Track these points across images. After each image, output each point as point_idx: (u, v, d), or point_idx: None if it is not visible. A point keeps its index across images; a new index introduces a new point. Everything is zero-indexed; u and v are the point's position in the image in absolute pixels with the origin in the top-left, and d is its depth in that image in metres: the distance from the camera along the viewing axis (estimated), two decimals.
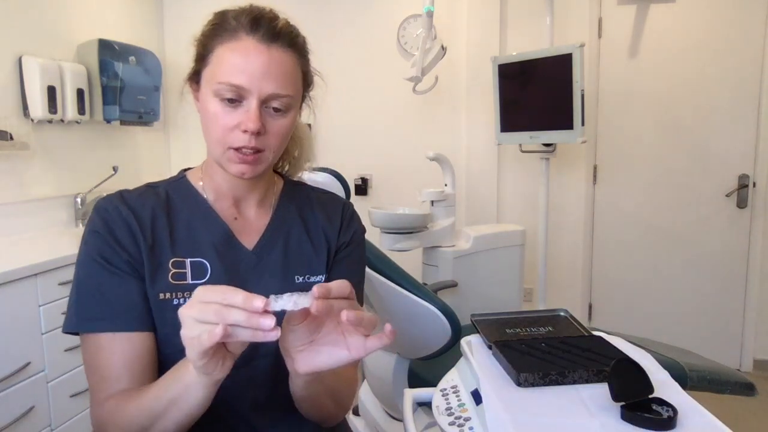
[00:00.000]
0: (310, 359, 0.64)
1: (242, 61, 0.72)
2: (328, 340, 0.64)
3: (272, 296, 0.57)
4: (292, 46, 0.77)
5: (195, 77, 0.80)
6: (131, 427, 0.69)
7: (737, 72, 2.71)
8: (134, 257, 0.76)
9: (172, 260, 0.78)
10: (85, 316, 0.75)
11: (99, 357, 0.74)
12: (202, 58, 0.77)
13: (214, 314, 0.55)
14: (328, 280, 0.87)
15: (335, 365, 0.64)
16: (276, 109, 0.75)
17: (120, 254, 0.76)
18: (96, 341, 0.74)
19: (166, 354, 0.77)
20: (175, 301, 0.76)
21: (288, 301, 0.57)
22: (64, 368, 1.84)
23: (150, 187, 0.84)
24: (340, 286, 0.60)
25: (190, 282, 0.78)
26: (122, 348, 0.74)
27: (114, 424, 0.71)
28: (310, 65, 0.83)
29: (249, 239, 0.84)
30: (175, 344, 0.70)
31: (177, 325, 0.66)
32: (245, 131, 0.73)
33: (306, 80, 0.83)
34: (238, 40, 0.73)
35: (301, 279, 0.85)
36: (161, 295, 0.76)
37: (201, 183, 0.85)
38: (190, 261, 0.79)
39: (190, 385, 0.63)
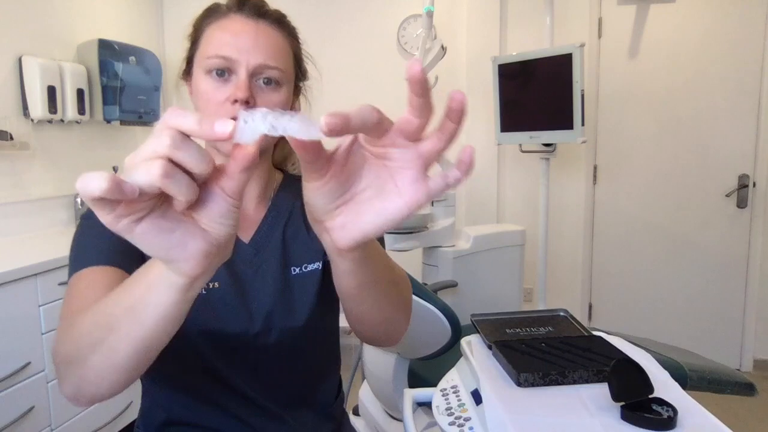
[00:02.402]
0: (350, 224, 0.44)
1: (230, 35, 0.74)
2: (370, 190, 0.44)
3: (241, 112, 0.37)
4: (280, 24, 0.78)
5: (188, 68, 0.80)
6: (82, 339, 0.53)
7: (737, 72, 2.71)
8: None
9: None
10: (74, 262, 0.72)
11: (74, 290, 0.68)
12: (193, 43, 0.79)
13: (152, 142, 0.36)
14: (327, 264, 0.81)
15: (388, 222, 0.43)
16: (267, 82, 0.75)
17: None
18: (77, 279, 0.69)
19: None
20: None
21: (261, 122, 0.36)
22: None
23: None
24: (363, 108, 0.38)
25: None
26: (100, 279, 0.68)
27: (66, 341, 0.56)
28: (300, 49, 0.83)
29: (246, 232, 0.84)
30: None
31: None
32: (234, 101, 0.72)
33: (298, 63, 0.83)
34: (228, 19, 0.75)
35: (297, 270, 0.83)
36: None
37: None
38: None
39: (152, 283, 0.46)
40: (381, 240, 0.83)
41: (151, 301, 0.46)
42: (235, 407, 0.81)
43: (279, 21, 0.78)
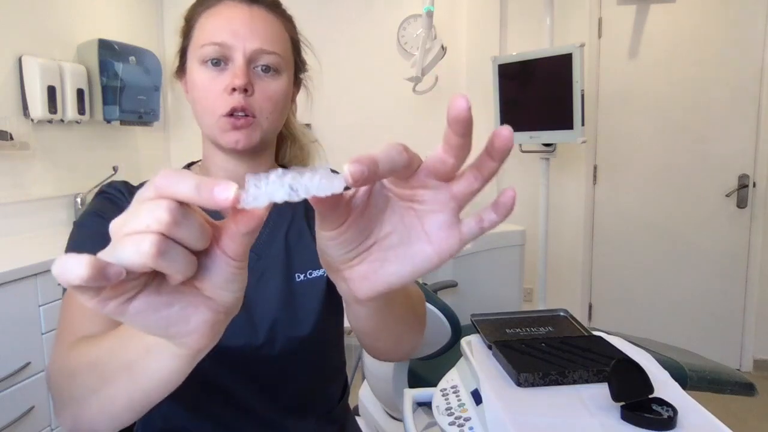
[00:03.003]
0: (373, 274, 0.38)
1: (224, 21, 0.71)
2: (395, 236, 0.38)
3: (249, 176, 0.31)
4: (275, 9, 0.76)
5: (181, 62, 0.78)
6: (76, 382, 0.49)
7: (737, 72, 2.71)
8: None
9: None
10: None
11: (67, 311, 0.63)
12: (185, 35, 0.77)
13: (145, 215, 0.30)
14: None
15: (416, 273, 0.38)
16: (265, 69, 0.72)
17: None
18: (69, 299, 0.65)
19: None
20: None
21: (277, 187, 0.31)
22: None
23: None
24: (390, 149, 0.34)
25: None
26: None
27: (60, 376, 0.52)
28: (298, 34, 0.81)
29: None
30: None
31: None
32: (233, 90, 0.69)
33: (296, 51, 0.80)
34: (219, 5, 0.73)
35: (302, 276, 0.79)
36: None
37: (199, 171, 0.83)
38: None
39: (151, 349, 0.40)
40: None
41: (150, 366, 0.41)
42: (235, 419, 0.78)
43: (274, 5, 0.76)
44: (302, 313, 0.77)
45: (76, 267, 0.28)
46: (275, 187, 0.31)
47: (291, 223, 0.83)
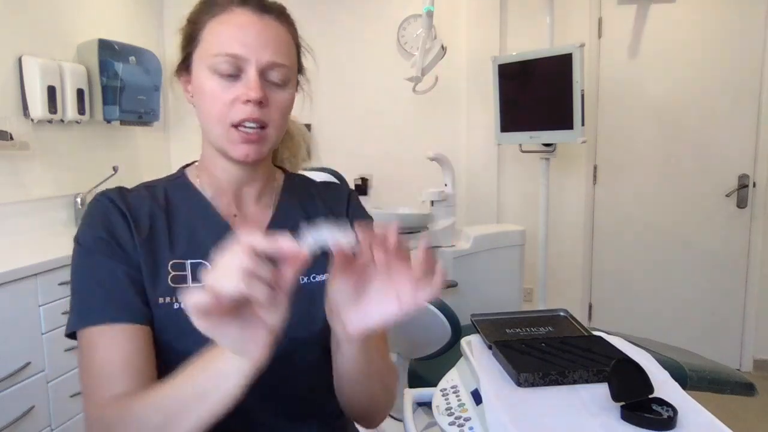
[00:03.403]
0: (361, 317, 0.59)
1: (237, 31, 0.71)
2: (377, 294, 0.59)
3: (307, 229, 0.51)
4: (284, 18, 0.76)
5: (184, 64, 0.77)
6: (141, 424, 0.60)
7: (737, 72, 2.71)
8: (128, 251, 0.73)
9: (171, 262, 0.74)
10: (83, 311, 0.70)
11: (96, 351, 0.68)
12: (191, 39, 0.75)
13: (235, 259, 0.48)
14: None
15: (388, 321, 0.58)
16: (275, 80, 0.73)
17: (116, 241, 0.73)
18: (92, 336, 0.68)
19: (167, 362, 0.70)
20: (176, 305, 0.72)
21: (325, 234, 0.50)
22: (64, 368, 1.84)
23: (148, 187, 0.80)
24: (385, 229, 0.55)
25: (191, 285, 0.73)
26: (121, 341, 0.68)
27: (121, 427, 0.62)
28: (300, 40, 0.81)
29: None
30: (177, 351, 0.68)
31: (178, 331, 0.64)
32: (247, 101, 0.70)
33: (299, 55, 0.81)
34: (230, 13, 0.72)
35: (305, 279, 0.80)
36: (161, 300, 0.72)
37: (198, 180, 0.82)
38: (190, 263, 0.75)
39: (226, 373, 0.55)
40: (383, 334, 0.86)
41: (222, 387, 0.56)
42: (237, 425, 0.74)
43: (282, 14, 0.76)
44: (308, 315, 0.78)
45: (203, 297, 0.46)
46: (324, 238, 0.49)
47: (294, 228, 0.81)
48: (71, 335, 0.72)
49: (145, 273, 0.73)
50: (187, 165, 0.87)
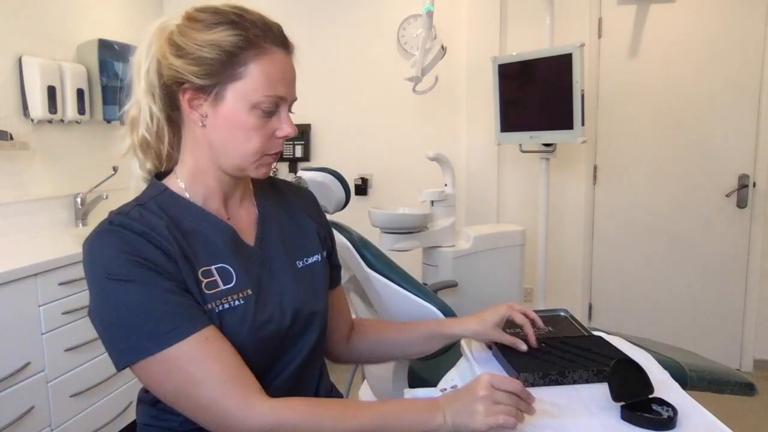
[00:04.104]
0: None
1: (281, 74, 0.78)
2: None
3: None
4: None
5: (209, 89, 0.76)
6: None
7: (737, 72, 2.71)
8: (167, 269, 0.73)
9: (200, 270, 0.77)
10: (154, 334, 0.69)
11: (204, 362, 0.69)
12: (225, 69, 0.75)
13: (510, 402, 0.73)
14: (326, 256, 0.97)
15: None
16: (290, 113, 0.82)
17: (151, 263, 0.72)
18: (183, 351, 0.69)
19: None
20: (216, 310, 0.75)
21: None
22: (64, 368, 1.84)
23: (140, 206, 0.79)
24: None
25: (223, 288, 0.77)
26: (219, 342, 0.72)
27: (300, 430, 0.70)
28: None
29: (248, 236, 0.86)
30: None
31: (224, 334, 0.74)
32: (284, 137, 0.80)
33: None
34: (272, 54, 0.77)
35: (301, 263, 0.89)
36: (207, 306, 0.75)
37: (187, 190, 0.83)
38: (215, 268, 0.78)
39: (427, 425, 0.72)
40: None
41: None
42: None
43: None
44: (311, 294, 0.88)
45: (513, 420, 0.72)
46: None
47: (278, 221, 0.91)
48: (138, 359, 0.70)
49: (188, 284, 0.75)
50: (158, 178, 0.86)
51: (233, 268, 0.80)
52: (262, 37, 0.76)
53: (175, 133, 0.86)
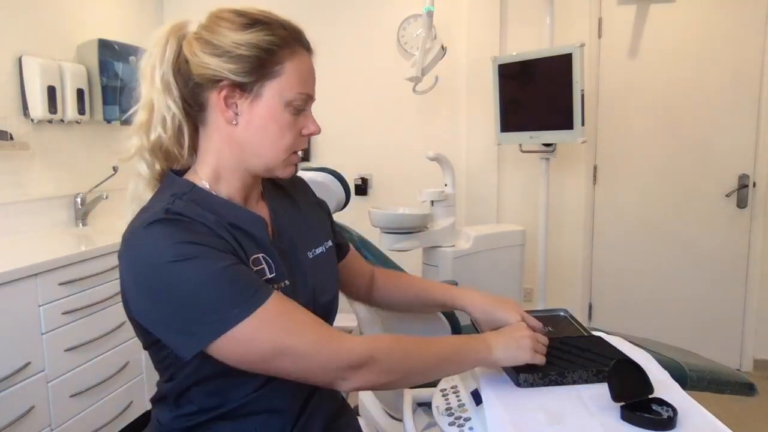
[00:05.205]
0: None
1: (310, 73, 0.83)
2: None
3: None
4: None
5: (244, 86, 0.78)
6: (410, 367, 0.81)
7: (737, 72, 2.71)
8: (228, 251, 0.75)
9: (252, 258, 0.80)
10: (245, 297, 0.71)
11: (293, 309, 0.75)
12: (264, 67, 0.78)
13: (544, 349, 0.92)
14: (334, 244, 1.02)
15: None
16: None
17: (211, 245, 0.73)
18: (273, 306, 0.72)
19: None
20: None
21: None
22: (64, 368, 1.84)
23: (179, 198, 0.78)
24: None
25: (269, 276, 0.81)
26: (289, 297, 0.77)
27: (389, 363, 0.78)
28: None
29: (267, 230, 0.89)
30: None
31: None
32: (309, 134, 0.84)
33: None
34: (302, 55, 0.82)
35: (311, 254, 0.92)
36: None
37: (214, 188, 0.83)
38: (261, 256, 0.82)
39: (484, 360, 0.87)
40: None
41: (471, 364, 0.89)
42: (286, 397, 0.85)
43: None
44: (326, 281, 0.93)
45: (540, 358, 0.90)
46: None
47: (287, 215, 0.93)
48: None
49: None
50: (178, 171, 0.87)
51: (272, 259, 0.83)
52: (292, 38, 0.81)
53: (192, 134, 0.86)
